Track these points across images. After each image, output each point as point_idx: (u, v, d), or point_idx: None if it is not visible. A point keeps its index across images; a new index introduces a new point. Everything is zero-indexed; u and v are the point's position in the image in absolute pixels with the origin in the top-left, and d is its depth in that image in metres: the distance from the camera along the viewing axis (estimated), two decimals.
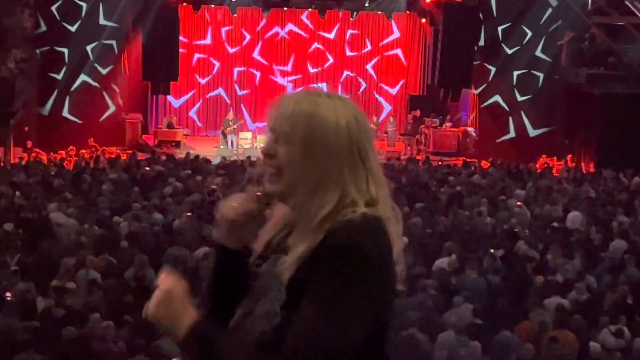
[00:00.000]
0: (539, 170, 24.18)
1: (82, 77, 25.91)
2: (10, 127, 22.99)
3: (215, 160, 23.50)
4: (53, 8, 25.41)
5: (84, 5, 25.60)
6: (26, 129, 24.50)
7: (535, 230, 16.37)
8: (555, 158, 26.17)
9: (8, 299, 11.23)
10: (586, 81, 25.33)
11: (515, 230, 16.07)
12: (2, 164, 21.47)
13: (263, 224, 2.52)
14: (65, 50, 25.67)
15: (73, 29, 25.63)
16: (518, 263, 13.87)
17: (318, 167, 2.33)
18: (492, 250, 13.97)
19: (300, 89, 2.48)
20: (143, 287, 11.29)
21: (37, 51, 25.26)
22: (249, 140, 28.03)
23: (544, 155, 26.12)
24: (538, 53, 26.91)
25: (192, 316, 2.32)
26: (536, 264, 13.69)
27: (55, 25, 25.46)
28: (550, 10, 26.58)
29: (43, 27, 25.50)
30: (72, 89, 25.85)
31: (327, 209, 2.31)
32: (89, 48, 25.81)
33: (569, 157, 25.88)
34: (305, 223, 2.34)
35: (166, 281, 2.39)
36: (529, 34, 26.81)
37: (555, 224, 16.75)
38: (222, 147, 27.14)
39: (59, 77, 25.71)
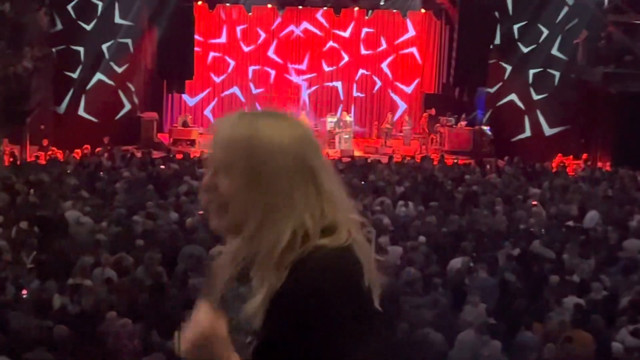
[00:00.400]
0: (554, 169, 24.10)
1: (98, 76, 25.98)
2: (26, 126, 23.08)
3: None
4: (69, 7, 25.48)
5: (100, 4, 25.66)
6: (42, 127, 24.58)
7: (551, 229, 16.30)
8: (571, 157, 26.06)
9: (24, 296, 11.29)
10: (602, 80, 25.23)
11: (531, 229, 16.03)
12: (18, 162, 21.56)
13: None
14: (81, 49, 25.74)
15: (89, 27, 25.70)
16: (534, 262, 13.81)
17: (264, 196, 2.11)
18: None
19: (235, 112, 2.21)
20: (158, 286, 11.33)
21: (53, 50, 25.33)
22: None
23: (559, 154, 26.02)
24: (554, 51, 26.79)
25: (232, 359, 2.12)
26: (552, 264, 13.64)
27: (71, 24, 25.54)
28: (566, 8, 26.46)
29: (59, 26, 25.59)
30: (88, 87, 25.93)
31: (283, 244, 2.11)
32: (104, 47, 25.88)
33: (585, 156, 25.78)
34: (264, 259, 2.14)
35: (205, 319, 2.11)
36: (545, 32, 26.69)
37: (571, 223, 16.68)
38: None
39: (75, 75, 25.78)
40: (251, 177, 2.11)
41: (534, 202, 18.02)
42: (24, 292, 11.44)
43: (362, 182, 20.22)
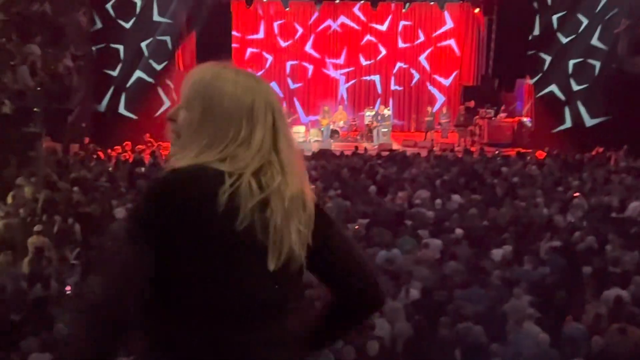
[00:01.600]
0: (596, 161, 23.85)
1: (137, 74, 26.18)
2: (67, 124, 23.31)
3: None
4: (108, 6, 25.71)
5: (138, 2, 25.86)
6: (83, 125, 24.84)
7: (593, 221, 16.15)
8: (612, 148, 25.77)
9: (68, 293, 11.42)
10: None
11: (572, 221, 15.90)
12: (59, 160, 21.80)
13: None
14: (121, 47, 25.96)
15: (128, 25, 25.91)
16: (576, 254, 13.70)
17: (207, 131, 2.44)
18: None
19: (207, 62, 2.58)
20: None
21: (93, 48, 25.59)
22: (302, 134, 28.05)
23: (601, 145, 25.75)
24: (594, 42, 26.50)
25: None
26: (594, 256, 13.51)
27: (110, 23, 25.75)
28: None
29: (98, 25, 25.82)
30: (128, 85, 26.13)
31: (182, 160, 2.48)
32: (143, 44, 26.07)
33: (626, 146, 25.48)
34: None
35: None
36: (585, 22, 26.42)
37: (614, 215, 16.52)
38: None
39: (115, 73, 26.01)
40: (202, 115, 2.46)
41: (575, 194, 17.86)
42: (68, 288, 11.57)
43: (401, 175, 20.20)
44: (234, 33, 28.37)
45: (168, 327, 2.38)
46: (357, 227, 15.20)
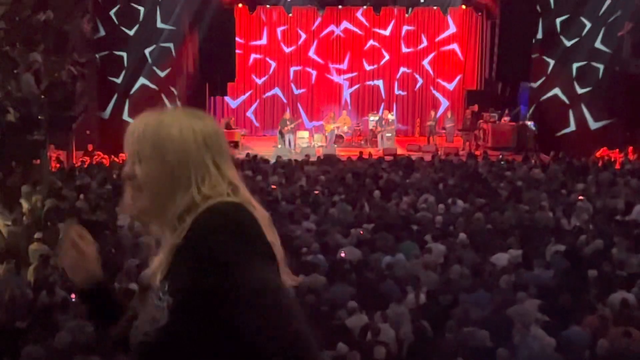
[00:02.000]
0: (600, 163, 23.82)
1: (141, 80, 26.21)
2: (72, 131, 23.34)
3: (273, 160, 23.61)
4: (111, 13, 25.74)
5: (142, 9, 25.89)
6: (87, 132, 24.86)
7: (598, 224, 16.12)
8: (617, 150, 25.75)
9: (73, 300, 11.41)
10: None
11: (578, 224, 15.87)
12: (64, 168, 21.82)
13: (93, 253, 2.71)
14: (124, 54, 26.00)
15: (131, 32, 25.94)
16: (581, 258, 13.67)
17: (170, 176, 2.42)
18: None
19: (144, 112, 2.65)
20: None
21: (97, 55, 25.63)
22: (306, 139, 28.10)
23: (605, 148, 25.73)
24: (598, 44, 26.49)
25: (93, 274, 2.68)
26: (600, 259, 13.48)
27: (114, 30, 25.79)
28: (609, 0, 26.15)
29: (102, 32, 25.86)
30: (132, 92, 26.15)
31: (181, 208, 2.40)
32: (147, 51, 26.11)
33: (631, 149, 25.46)
34: (169, 222, 2.44)
35: (74, 232, 2.69)
36: (588, 25, 26.41)
37: (619, 218, 16.49)
38: (279, 146, 27.24)
39: (119, 80, 26.04)
40: (158, 162, 2.44)
41: (580, 197, 17.84)
42: (73, 296, 11.56)
43: (406, 180, 20.19)
44: (237, 39, 28.37)
45: None
46: (361, 232, 15.20)
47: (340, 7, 30.29)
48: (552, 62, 27.01)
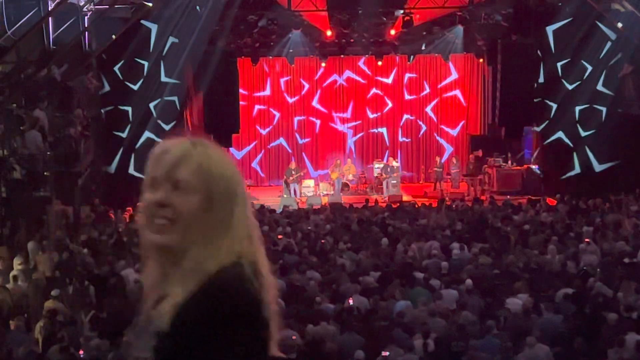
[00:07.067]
0: (606, 205, 23.78)
1: (147, 134, 26.28)
2: (77, 187, 23.41)
3: (279, 210, 23.64)
4: (116, 68, 25.91)
5: (146, 63, 26.08)
6: (93, 187, 24.91)
7: (606, 267, 16.07)
8: (622, 192, 25.70)
9: (81, 356, 11.38)
10: None
11: (585, 268, 15.82)
12: (71, 222, 21.85)
13: None
14: (129, 109, 26.11)
15: (136, 87, 26.09)
16: (590, 301, 13.61)
17: (214, 217, 2.32)
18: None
19: (182, 139, 2.57)
20: None
21: (102, 111, 25.78)
22: (311, 188, 28.18)
23: (610, 190, 25.68)
24: (599, 87, 26.58)
25: None
26: (609, 302, 13.42)
27: (119, 85, 25.93)
28: (609, 43, 26.29)
29: (107, 87, 26.02)
30: (137, 146, 26.21)
31: (218, 258, 2.30)
32: (151, 105, 26.23)
33: (637, 190, 25.41)
34: (190, 269, 2.30)
35: None
36: (589, 68, 26.52)
37: (626, 260, 16.43)
38: (285, 196, 27.28)
39: (124, 135, 26.13)
40: (208, 200, 2.32)
41: (587, 240, 17.80)
42: (81, 352, 11.53)
43: (412, 227, 20.18)
44: (241, 91, 28.59)
45: None
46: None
47: (342, 56, 30.54)
48: (554, 105, 27.09)
